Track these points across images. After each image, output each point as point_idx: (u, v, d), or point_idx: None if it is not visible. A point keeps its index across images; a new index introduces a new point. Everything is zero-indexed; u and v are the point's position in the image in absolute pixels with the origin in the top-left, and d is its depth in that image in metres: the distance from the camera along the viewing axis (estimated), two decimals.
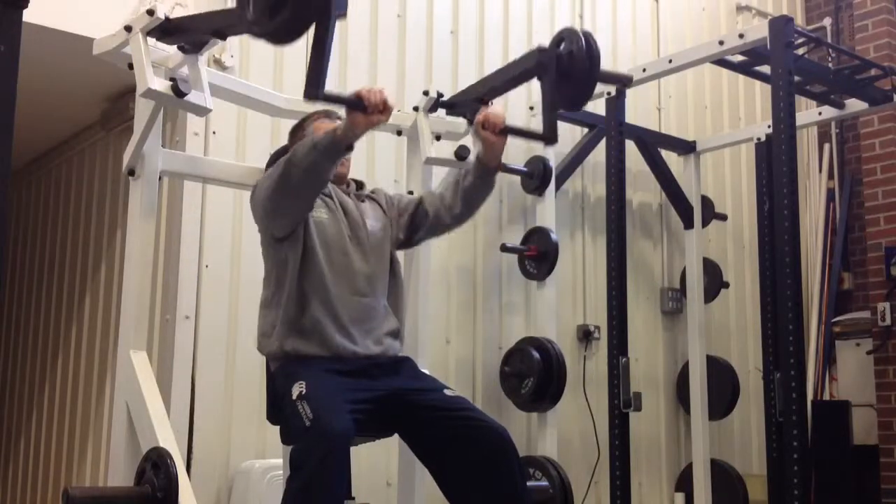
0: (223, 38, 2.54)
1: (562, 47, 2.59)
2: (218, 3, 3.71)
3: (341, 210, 2.62)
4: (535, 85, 4.64)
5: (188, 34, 2.54)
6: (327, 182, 2.49)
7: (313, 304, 2.47)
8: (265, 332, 2.55)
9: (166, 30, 2.54)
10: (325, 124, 2.72)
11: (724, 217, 5.32)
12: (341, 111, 2.84)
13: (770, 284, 4.75)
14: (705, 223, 5.06)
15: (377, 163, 4.04)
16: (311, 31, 2.14)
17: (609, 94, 4.24)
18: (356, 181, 2.79)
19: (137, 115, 2.72)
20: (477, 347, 4.32)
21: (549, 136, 2.62)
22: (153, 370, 2.68)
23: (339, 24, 4.21)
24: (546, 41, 4.86)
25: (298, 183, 2.36)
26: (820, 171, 5.95)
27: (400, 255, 2.82)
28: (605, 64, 5.06)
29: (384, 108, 2.29)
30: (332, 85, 4.00)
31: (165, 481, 2.31)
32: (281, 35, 2.10)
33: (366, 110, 2.27)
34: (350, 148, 2.36)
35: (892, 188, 5.28)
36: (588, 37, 2.54)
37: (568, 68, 2.54)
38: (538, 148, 4.52)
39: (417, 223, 2.74)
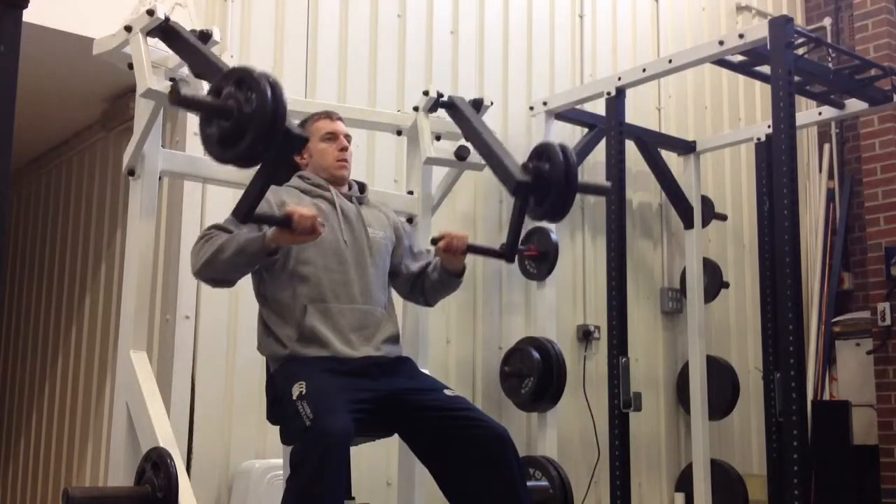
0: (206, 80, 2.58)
1: (540, 160, 2.63)
2: (217, 3, 3.71)
3: (341, 215, 2.61)
4: (535, 85, 4.69)
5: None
6: (240, 277, 2.53)
7: (311, 313, 2.47)
8: (264, 337, 2.56)
9: (166, 30, 2.54)
10: (327, 125, 2.72)
11: (724, 217, 5.32)
12: (341, 112, 2.86)
13: (770, 284, 4.75)
14: (705, 223, 5.06)
15: (377, 163, 4.03)
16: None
17: (609, 94, 4.24)
18: (359, 183, 2.79)
19: (137, 115, 2.72)
20: (477, 347, 4.32)
21: (509, 255, 2.71)
22: (153, 370, 2.68)
23: (339, 24, 4.24)
24: (546, 40, 4.89)
25: (220, 272, 2.46)
26: (820, 171, 5.95)
27: None
28: (605, 64, 5.11)
29: (312, 232, 2.36)
30: (331, 85, 4.02)
31: (165, 481, 2.32)
32: (238, 164, 2.16)
33: (293, 232, 2.34)
34: (274, 254, 2.41)
35: (892, 188, 5.28)
36: (565, 151, 2.57)
37: (546, 184, 2.59)
38: None
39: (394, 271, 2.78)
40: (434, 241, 2.66)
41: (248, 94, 2.06)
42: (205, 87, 2.59)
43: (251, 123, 2.04)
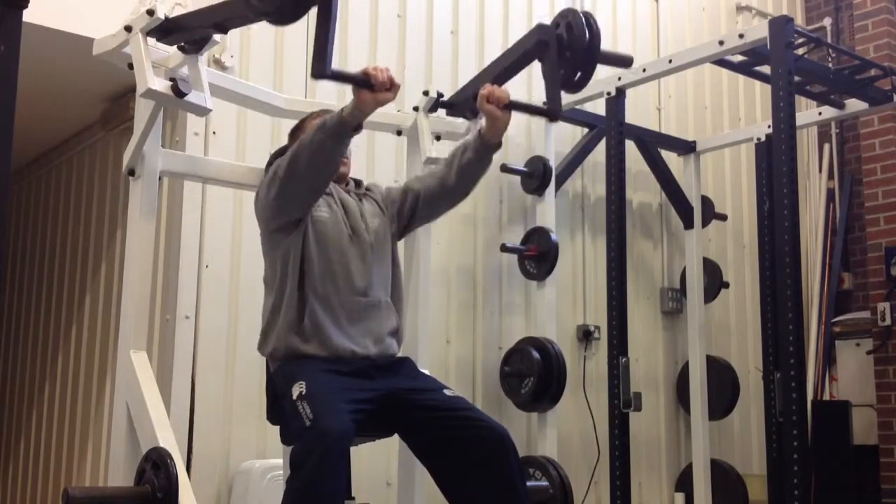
0: (224, 31, 2.54)
1: (561, 26, 2.59)
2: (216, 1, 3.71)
3: (342, 209, 2.61)
4: (535, 85, 4.69)
5: (189, 32, 2.54)
6: (337, 167, 2.47)
7: (313, 304, 2.47)
8: (266, 333, 2.56)
9: (166, 29, 2.54)
10: None
11: (724, 217, 5.32)
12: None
13: (770, 284, 4.75)
14: (705, 223, 5.06)
15: (377, 163, 4.03)
16: (314, 11, 2.15)
17: (609, 94, 4.24)
18: (355, 180, 2.79)
19: (137, 115, 2.72)
20: (477, 347, 4.32)
21: (554, 111, 2.62)
22: (153, 370, 2.68)
23: (339, 24, 4.22)
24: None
25: (307, 167, 2.36)
26: (820, 171, 5.95)
27: (400, 254, 2.82)
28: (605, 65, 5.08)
29: (391, 86, 2.30)
30: (331, 86, 4.02)
31: (165, 481, 2.31)
32: (285, 13, 2.09)
33: (373, 88, 2.27)
34: (358, 129, 2.35)
35: (892, 188, 5.29)
36: (588, 16, 2.54)
37: (568, 47, 2.54)
38: (538, 148, 4.52)
39: (409, 209, 2.72)
40: (474, 97, 2.55)
41: None
42: (206, 87, 2.59)
43: None
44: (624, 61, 2.89)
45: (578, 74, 2.60)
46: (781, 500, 4.13)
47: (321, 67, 2.13)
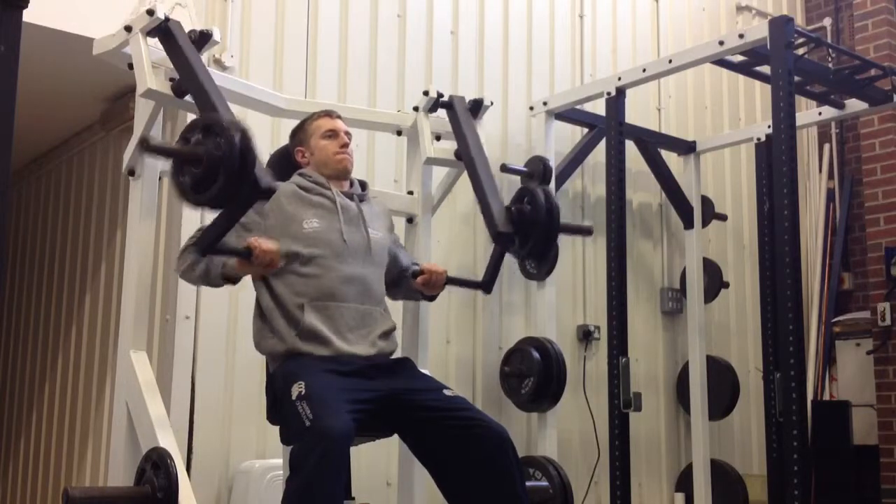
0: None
1: (522, 203, 2.80)
2: (217, 3, 3.71)
3: (341, 213, 2.61)
4: (535, 85, 4.69)
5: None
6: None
7: (309, 312, 2.47)
8: (262, 334, 2.55)
9: (166, 30, 2.54)
10: (326, 123, 2.72)
11: (724, 217, 5.32)
12: (341, 112, 2.86)
13: (770, 284, 4.75)
14: (705, 223, 5.06)
15: (377, 163, 4.03)
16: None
17: (609, 94, 4.24)
18: (360, 182, 2.79)
19: (137, 115, 2.72)
20: (477, 347, 4.32)
21: (486, 286, 2.96)
22: (153, 370, 2.68)
23: (339, 24, 4.24)
24: (546, 40, 4.89)
25: (197, 284, 2.64)
26: (820, 171, 5.95)
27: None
28: (605, 64, 5.11)
29: (270, 264, 2.43)
30: (331, 85, 4.03)
31: (165, 481, 2.32)
32: (211, 206, 2.25)
33: (251, 263, 2.41)
34: (234, 280, 2.53)
35: (892, 188, 5.28)
36: (548, 195, 2.77)
37: (529, 226, 2.77)
38: (538, 148, 4.52)
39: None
40: (415, 276, 2.77)
41: (217, 140, 2.14)
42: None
43: (221, 169, 2.13)
44: (584, 231, 3.26)
45: (540, 249, 2.84)
46: (781, 500, 4.13)
47: (208, 247, 2.34)
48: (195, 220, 3.54)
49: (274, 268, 2.45)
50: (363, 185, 2.79)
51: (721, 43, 3.96)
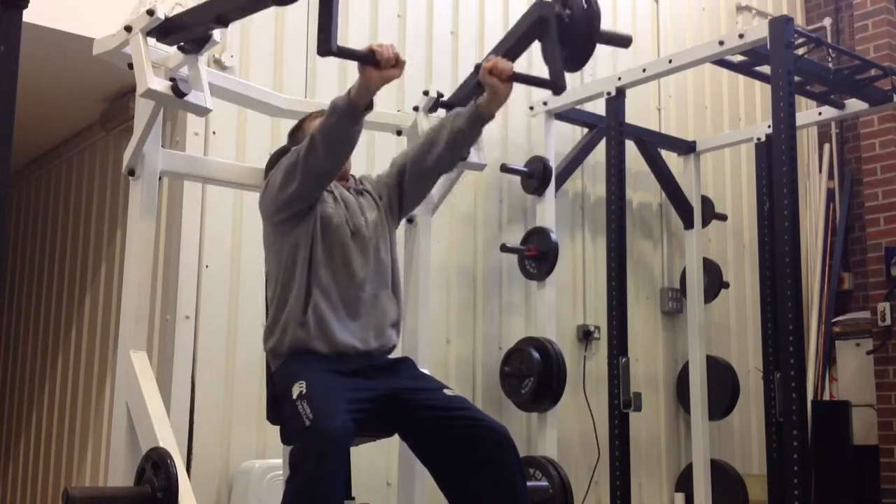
0: (226, 24, 2.53)
1: (559, 4, 2.61)
2: None
3: (343, 205, 2.62)
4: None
5: (189, 29, 2.54)
6: (353, 146, 2.45)
7: (317, 297, 2.47)
8: (271, 328, 2.55)
9: (166, 29, 2.54)
10: None
11: (724, 217, 5.32)
12: None
13: (770, 284, 4.75)
14: (705, 223, 5.06)
15: (377, 163, 4.03)
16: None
17: (609, 94, 4.24)
18: (354, 178, 2.80)
19: (137, 115, 2.72)
20: (477, 347, 4.32)
21: (558, 83, 2.59)
22: (153, 370, 2.68)
23: (339, 24, 4.22)
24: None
25: (325, 150, 2.37)
26: (820, 171, 5.95)
27: (400, 255, 2.82)
28: (605, 64, 5.10)
29: (397, 63, 2.31)
30: (331, 85, 4.02)
31: (165, 481, 2.31)
32: None
33: (379, 65, 2.28)
34: (369, 108, 2.36)
35: (892, 188, 5.28)
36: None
37: (568, 25, 2.55)
38: (538, 148, 4.52)
39: (397, 185, 2.70)
40: (476, 68, 2.54)
41: None
42: (206, 87, 2.59)
43: None
44: (623, 41, 2.87)
45: (578, 54, 2.62)
46: (781, 500, 4.13)
47: (326, 44, 2.12)
48: (195, 220, 3.55)
49: (401, 66, 2.30)
50: (359, 180, 2.79)
51: (721, 43, 3.96)
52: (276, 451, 3.19)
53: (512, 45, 2.86)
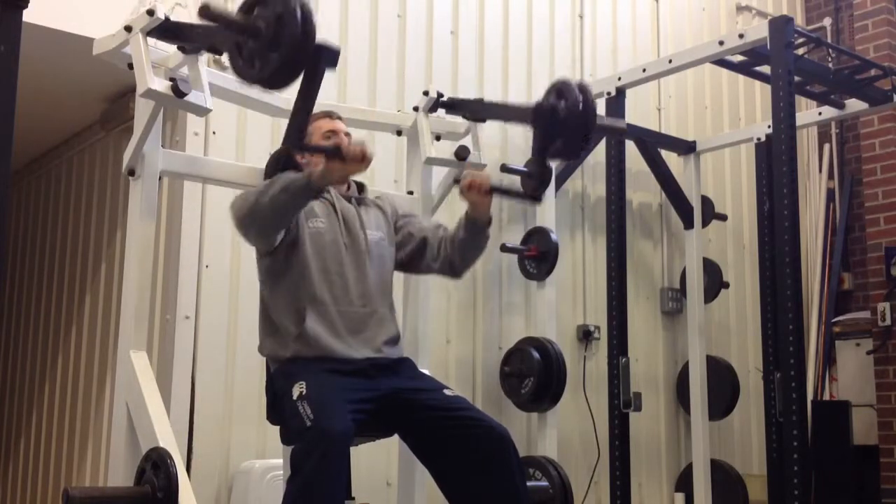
0: (218, 53, 2.54)
1: (557, 99, 2.60)
2: (217, 3, 3.71)
3: (340, 217, 2.61)
4: (535, 85, 4.69)
5: (186, 40, 2.54)
6: (293, 219, 2.49)
7: (310, 316, 2.46)
8: (265, 336, 2.55)
9: (166, 30, 2.54)
10: (326, 124, 2.72)
11: (724, 217, 5.32)
12: (341, 112, 2.86)
13: (770, 284, 4.75)
14: (705, 223, 5.06)
15: (377, 163, 3.99)
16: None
17: (609, 94, 4.24)
18: (358, 184, 2.79)
19: (137, 115, 2.72)
20: (477, 347, 4.32)
21: (535, 196, 2.71)
22: (153, 370, 2.68)
23: (339, 24, 4.24)
24: (546, 40, 4.89)
25: (265, 218, 2.41)
26: (820, 171, 5.95)
27: None
28: (605, 64, 5.11)
29: (363, 159, 2.34)
30: (331, 86, 4.02)
31: (165, 481, 2.31)
32: (271, 83, 2.13)
33: (343, 160, 2.32)
34: (321, 192, 2.40)
35: (892, 188, 5.28)
36: (584, 89, 2.56)
37: (563, 120, 2.56)
38: None
39: (412, 259, 2.73)
40: (456, 181, 2.60)
41: (275, 9, 2.04)
42: (206, 87, 2.59)
43: (282, 37, 2.01)
44: (618, 131, 2.91)
45: (572, 147, 2.65)
46: (781, 500, 4.13)
47: (298, 141, 2.22)
48: (195, 220, 3.55)
49: (365, 164, 2.34)
50: (361, 187, 2.78)
51: (721, 43, 3.96)
52: (276, 451, 3.18)
53: (502, 118, 2.85)
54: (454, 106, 3.21)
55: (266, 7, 2.07)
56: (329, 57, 2.14)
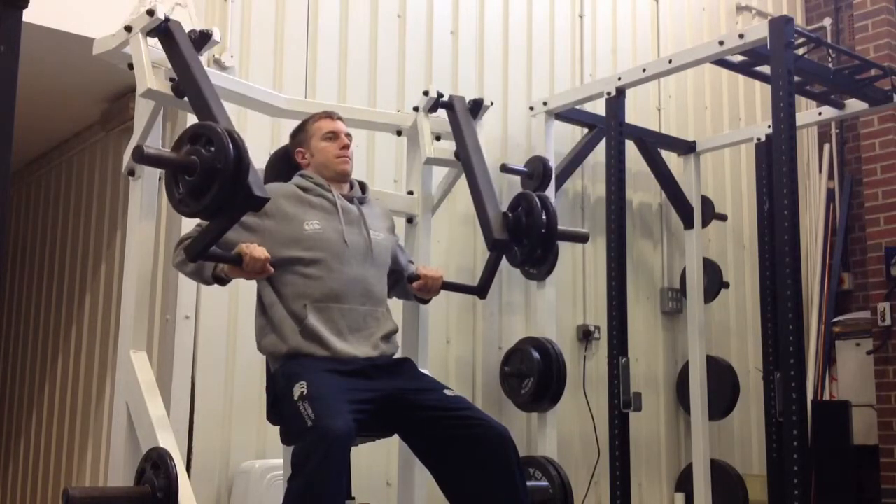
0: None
1: (519, 210, 2.85)
2: (217, 3, 3.71)
3: (342, 214, 2.61)
4: (535, 85, 4.69)
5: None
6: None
7: (310, 315, 2.47)
8: (264, 334, 2.55)
9: (166, 30, 2.54)
10: (327, 124, 2.72)
11: (724, 217, 5.32)
12: (341, 112, 2.86)
13: (770, 284, 4.75)
14: (705, 223, 5.06)
15: (377, 163, 4.03)
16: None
17: (609, 94, 4.24)
18: (360, 183, 2.79)
19: (137, 115, 2.72)
20: (477, 347, 4.32)
21: (482, 291, 3.00)
22: (153, 370, 2.68)
23: (339, 25, 4.24)
24: (546, 40, 4.89)
25: (190, 277, 2.58)
26: (820, 171, 5.95)
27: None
28: (605, 64, 5.11)
29: (261, 272, 2.44)
30: (331, 85, 4.03)
31: (165, 481, 2.32)
32: (205, 215, 2.26)
33: (243, 269, 2.42)
34: (225, 282, 2.52)
35: (892, 188, 5.28)
36: (544, 200, 2.81)
37: (525, 233, 2.82)
38: (538, 148, 4.52)
39: (393, 284, 2.83)
40: (410, 280, 2.80)
41: (209, 148, 2.15)
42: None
43: (215, 178, 2.14)
44: (581, 237, 3.19)
45: (538, 252, 2.87)
46: (781, 500, 4.13)
47: (200, 254, 2.34)
48: (195, 219, 3.54)
49: (264, 275, 2.46)
50: (363, 186, 2.79)
51: (721, 43, 3.96)
52: (276, 451, 3.19)
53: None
54: (454, 106, 3.21)
55: (201, 144, 2.19)
56: (256, 204, 2.27)
